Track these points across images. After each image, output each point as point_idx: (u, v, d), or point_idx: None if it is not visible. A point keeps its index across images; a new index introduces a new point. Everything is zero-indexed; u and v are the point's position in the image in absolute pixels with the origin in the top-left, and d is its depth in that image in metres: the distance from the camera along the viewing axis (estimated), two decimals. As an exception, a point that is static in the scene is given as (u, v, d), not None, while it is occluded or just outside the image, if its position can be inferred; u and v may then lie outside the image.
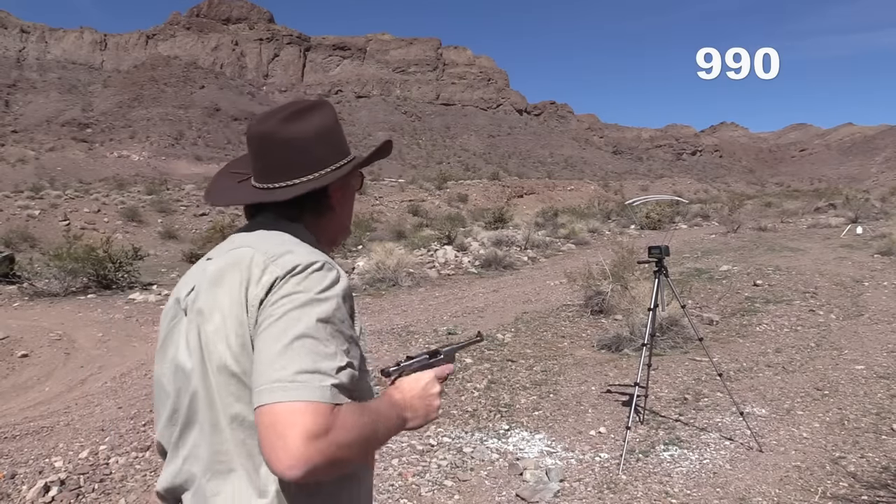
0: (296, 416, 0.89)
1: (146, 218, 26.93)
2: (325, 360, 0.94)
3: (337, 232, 1.29)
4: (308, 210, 1.19)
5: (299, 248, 1.08)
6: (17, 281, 11.79)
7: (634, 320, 6.40)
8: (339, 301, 1.01)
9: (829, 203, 28.24)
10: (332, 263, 1.07)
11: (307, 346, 0.94)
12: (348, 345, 1.01)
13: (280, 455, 0.88)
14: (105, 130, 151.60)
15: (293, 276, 1.01)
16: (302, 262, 1.02)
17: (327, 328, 0.97)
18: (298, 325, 0.95)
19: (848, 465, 3.72)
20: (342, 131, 1.25)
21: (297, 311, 0.96)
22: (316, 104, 1.21)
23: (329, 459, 0.90)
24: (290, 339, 0.94)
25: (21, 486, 3.75)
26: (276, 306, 0.98)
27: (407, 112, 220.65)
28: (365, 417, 0.98)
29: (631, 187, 65.96)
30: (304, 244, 1.11)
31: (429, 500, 3.53)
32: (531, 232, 17.50)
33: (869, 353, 5.94)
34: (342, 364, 0.96)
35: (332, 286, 1.02)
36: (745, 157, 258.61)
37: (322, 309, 0.98)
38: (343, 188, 1.25)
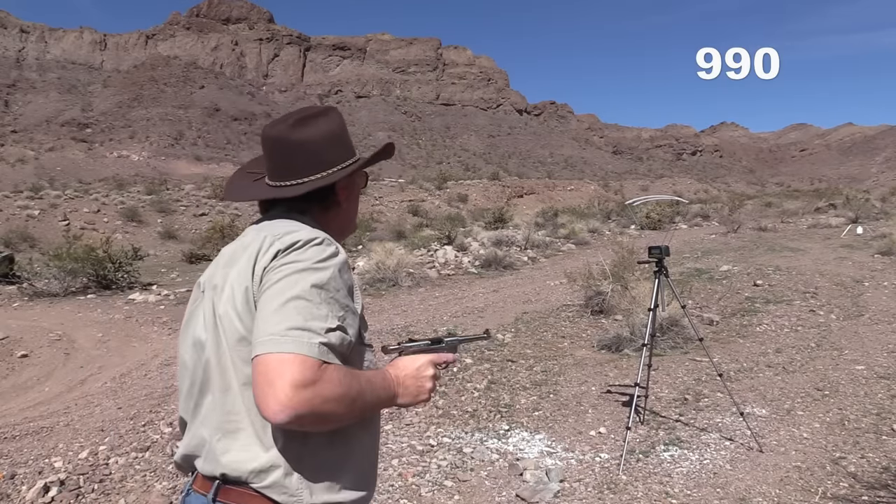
0: (284, 365, 0.98)
1: (146, 218, 26.92)
2: (316, 320, 1.03)
3: (343, 226, 1.40)
4: (316, 204, 1.30)
5: (304, 228, 1.19)
6: (17, 281, 11.78)
7: (634, 320, 6.40)
8: (335, 271, 1.11)
9: (830, 203, 28.25)
10: (332, 240, 1.17)
11: (300, 307, 1.03)
12: (343, 312, 1.09)
13: (269, 401, 0.97)
14: (105, 130, 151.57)
15: (295, 249, 1.11)
16: (303, 237, 1.13)
17: (322, 293, 1.06)
18: (295, 288, 1.05)
19: (848, 465, 3.72)
20: (348, 135, 1.36)
21: (295, 276, 1.07)
22: (324, 111, 1.33)
23: (313, 410, 0.98)
24: (285, 299, 1.04)
25: (21, 486, 3.75)
26: (277, 272, 1.09)
27: (407, 112, 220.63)
28: (353, 380, 1.06)
29: (631, 187, 65.95)
30: (310, 226, 1.22)
31: (429, 501, 3.53)
32: (531, 232, 17.49)
33: (869, 354, 5.94)
34: (332, 326, 1.05)
35: (331, 258, 1.12)
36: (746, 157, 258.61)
37: (318, 276, 1.08)
38: (349, 186, 1.36)
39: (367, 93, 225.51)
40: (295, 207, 1.29)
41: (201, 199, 31.39)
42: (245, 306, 1.11)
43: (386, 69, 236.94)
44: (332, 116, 1.34)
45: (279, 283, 1.07)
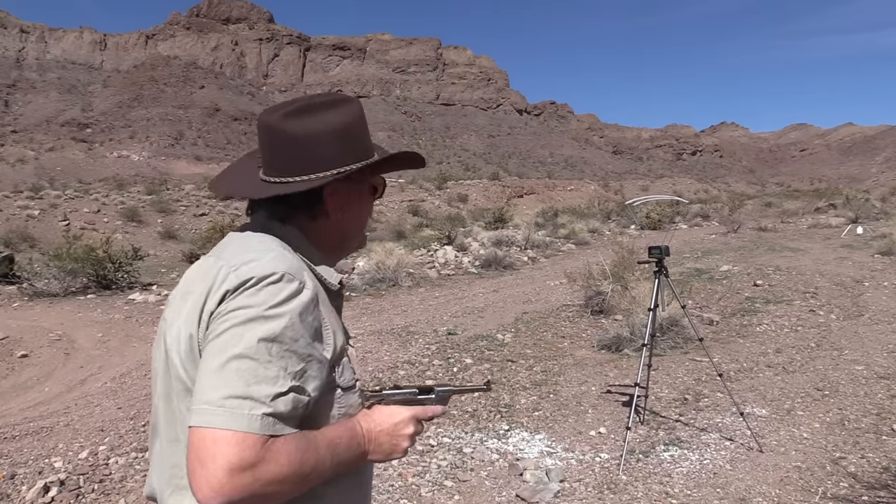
0: (218, 445, 0.83)
1: (146, 218, 26.93)
2: (262, 384, 0.86)
3: (336, 241, 1.16)
4: (301, 212, 1.10)
5: (267, 256, 0.99)
6: (17, 281, 11.78)
7: (634, 320, 6.40)
8: (293, 317, 0.92)
9: (830, 203, 28.24)
10: (296, 274, 0.97)
11: (243, 368, 0.86)
12: (302, 365, 0.92)
13: (201, 483, 0.83)
14: (105, 130, 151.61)
15: (246, 289, 0.93)
16: (258, 273, 0.94)
17: (272, 348, 0.88)
18: (238, 344, 0.88)
19: (848, 465, 3.72)
20: (359, 133, 1.14)
21: (240, 328, 0.89)
22: (336, 101, 1.12)
23: (254, 494, 0.83)
24: (226, 358, 0.87)
25: (21, 486, 3.75)
26: (223, 320, 0.92)
27: (407, 112, 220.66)
28: (309, 452, 0.90)
29: (631, 187, 65.95)
30: (280, 249, 1.02)
31: (429, 501, 3.53)
32: (531, 232, 17.50)
33: (869, 354, 5.94)
34: (282, 390, 0.87)
35: (287, 301, 0.93)
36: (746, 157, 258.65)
37: (269, 327, 0.89)
38: (341, 193, 1.12)
39: (366, 93, 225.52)
40: (275, 213, 1.10)
41: (201, 199, 31.40)
42: (189, 355, 0.97)
43: (386, 69, 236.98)
44: (342, 109, 1.11)
45: (222, 337, 0.90)
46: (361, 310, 9.31)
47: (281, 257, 1.00)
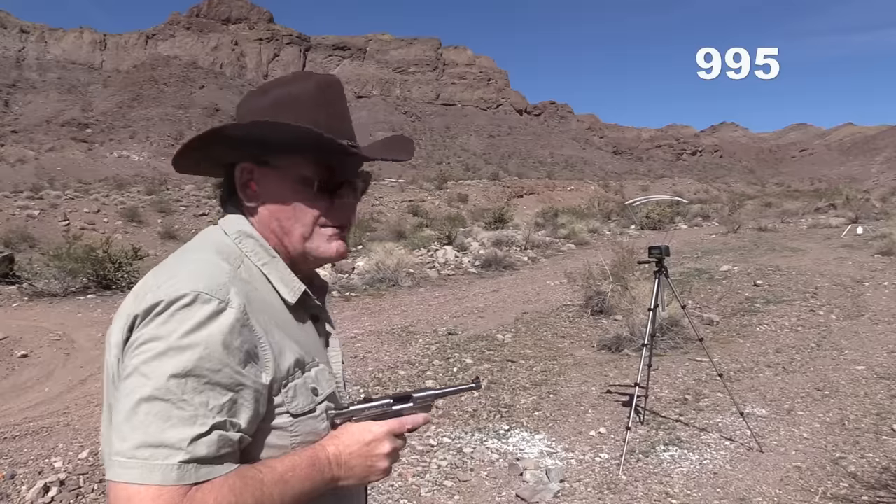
0: (133, 502, 0.74)
1: (146, 218, 26.94)
2: (177, 427, 0.76)
3: (279, 243, 0.98)
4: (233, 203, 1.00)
5: (185, 270, 0.87)
6: (17, 281, 11.79)
7: (634, 321, 6.40)
8: (209, 346, 0.80)
9: (830, 203, 28.23)
10: (216, 291, 0.83)
11: (153, 412, 0.76)
12: (230, 396, 0.81)
13: None
14: (105, 130, 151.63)
15: (155, 316, 0.81)
16: (168, 295, 0.82)
17: (187, 384, 0.77)
18: (147, 385, 0.77)
19: (848, 465, 3.72)
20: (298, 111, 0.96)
21: (149, 366, 0.78)
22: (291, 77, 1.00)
23: None
24: (135, 401, 0.77)
25: (21, 486, 3.75)
26: (132, 355, 0.81)
27: (407, 112, 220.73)
28: (247, 492, 0.79)
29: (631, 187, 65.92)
30: (207, 258, 0.90)
31: (429, 501, 3.53)
32: (531, 232, 17.50)
33: (869, 354, 5.94)
34: (202, 430, 0.77)
35: (201, 327, 0.80)
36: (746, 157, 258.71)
37: (179, 362, 0.78)
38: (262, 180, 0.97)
39: (367, 93, 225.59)
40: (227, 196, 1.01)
41: (201, 199, 31.43)
42: (112, 388, 0.88)
43: (386, 69, 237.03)
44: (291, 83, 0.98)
45: (132, 377, 0.79)
46: (361, 310, 9.31)
47: (201, 271, 0.87)
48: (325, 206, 0.98)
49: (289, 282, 0.97)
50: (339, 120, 0.99)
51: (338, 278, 11.61)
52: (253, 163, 0.97)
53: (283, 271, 0.97)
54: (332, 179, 0.98)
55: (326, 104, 0.98)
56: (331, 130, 0.93)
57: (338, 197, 0.99)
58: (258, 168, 0.97)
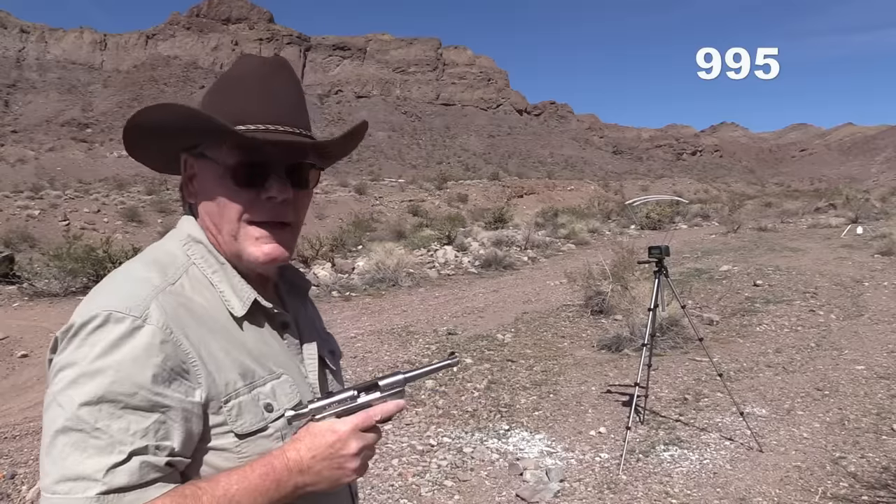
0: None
1: (146, 218, 26.95)
2: (93, 457, 0.72)
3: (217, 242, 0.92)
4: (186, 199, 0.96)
5: (108, 286, 0.84)
6: (17, 281, 11.78)
7: (634, 320, 6.41)
8: (121, 369, 0.75)
9: (830, 203, 28.23)
10: (130, 308, 0.78)
11: (70, 443, 0.73)
12: (154, 417, 0.76)
13: None
14: (105, 130, 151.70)
15: (70, 341, 0.78)
16: (80, 317, 0.78)
17: (101, 410, 0.73)
18: (61, 415, 0.74)
19: (848, 465, 3.72)
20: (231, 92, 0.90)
21: (63, 395, 0.75)
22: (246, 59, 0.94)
23: None
24: (52, 434, 0.74)
25: (21, 486, 3.76)
26: (50, 385, 0.78)
27: (407, 112, 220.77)
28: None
29: (631, 187, 65.94)
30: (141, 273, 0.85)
31: (429, 500, 3.53)
32: (531, 232, 17.50)
33: (869, 354, 5.94)
34: (119, 459, 0.73)
35: (112, 349, 0.76)
36: (746, 157, 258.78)
37: (91, 388, 0.74)
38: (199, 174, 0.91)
39: (367, 93, 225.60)
40: None
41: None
42: None
43: (386, 69, 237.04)
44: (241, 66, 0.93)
45: (49, 409, 0.76)
46: (361, 310, 9.32)
47: (119, 287, 0.83)
48: (247, 199, 0.89)
49: (238, 290, 0.90)
50: (276, 104, 0.89)
51: (338, 278, 11.62)
52: (192, 155, 0.91)
53: (232, 279, 0.91)
54: (249, 168, 0.88)
55: (263, 86, 0.90)
56: (261, 114, 0.87)
57: (264, 190, 0.88)
58: (196, 161, 0.91)
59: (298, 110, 0.93)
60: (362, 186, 40.03)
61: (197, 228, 0.92)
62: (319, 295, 10.43)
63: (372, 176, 59.49)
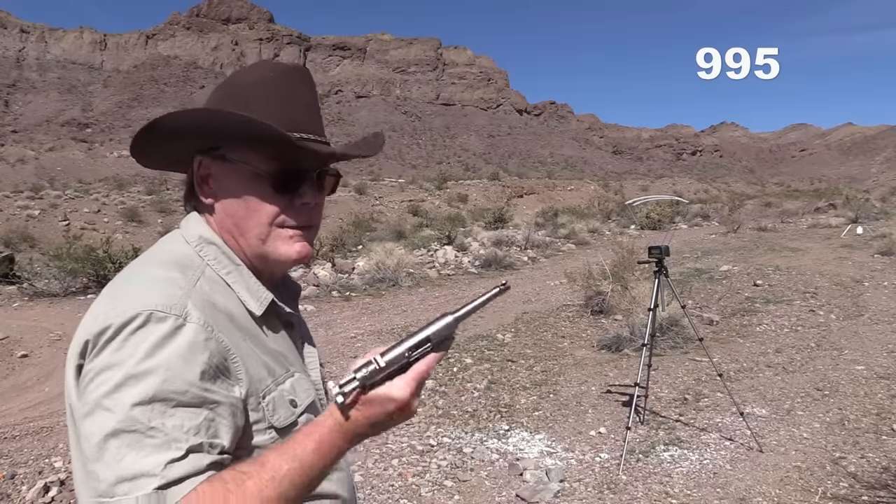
0: None
1: (146, 218, 26.95)
2: (152, 454, 0.72)
3: (237, 245, 0.92)
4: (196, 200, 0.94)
5: (138, 286, 0.83)
6: (17, 281, 11.78)
7: (634, 320, 6.41)
8: (170, 368, 0.75)
9: (830, 203, 28.24)
10: (171, 307, 0.79)
11: (125, 444, 0.72)
12: (205, 415, 0.76)
13: None
14: (105, 130, 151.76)
15: (107, 343, 0.77)
16: (117, 318, 0.77)
17: (153, 410, 0.73)
18: (111, 418, 0.73)
19: (848, 465, 3.72)
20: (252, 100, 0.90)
21: (109, 399, 0.74)
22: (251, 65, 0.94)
23: None
24: (102, 437, 0.73)
25: (21, 486, 3.76)
26: (89, 390, 0.76)
27: (407, 112, 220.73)
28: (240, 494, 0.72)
29: (631, 187, 65.94)
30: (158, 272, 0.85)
31: (429, 501, 3.53)
32: (531, 232, 17.50)
33: (869, 354, 5.94)
34: (176, 455, 0.73)
35: (158, 349, 0.76)
36: (746, 157, 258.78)
37: (142, 389, 0.73)
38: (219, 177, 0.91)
39: (367, 93, 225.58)
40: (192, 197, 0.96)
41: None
42: (71, 419, 0.84)
43: (386, 69, 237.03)
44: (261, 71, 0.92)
45: (94, 415, 0.75)
46: (361, 310, 9.32)
47: (152, 287, 0.82)
48: (283, 203, 0.90)
49: (255, 291, 0.91)
50: (300, 111, 0.92)
51: (338, 278, 11.62)
52: (209, 157, 0.91)
53: (248, 280, 0.91)
54: (289, 175, 0.90)
55: (286, 94, 0.91)
56: (288, 122, 0.88)
57: (298, 195, 0.91)
58: (214, 162, 0.90)
59: (319, 117, 0.97)
60: (362, 186, 40.04)
61: (207, 229, 0.92)
62: (319, 295, 10.44)
63: (372, 176, 59.51)
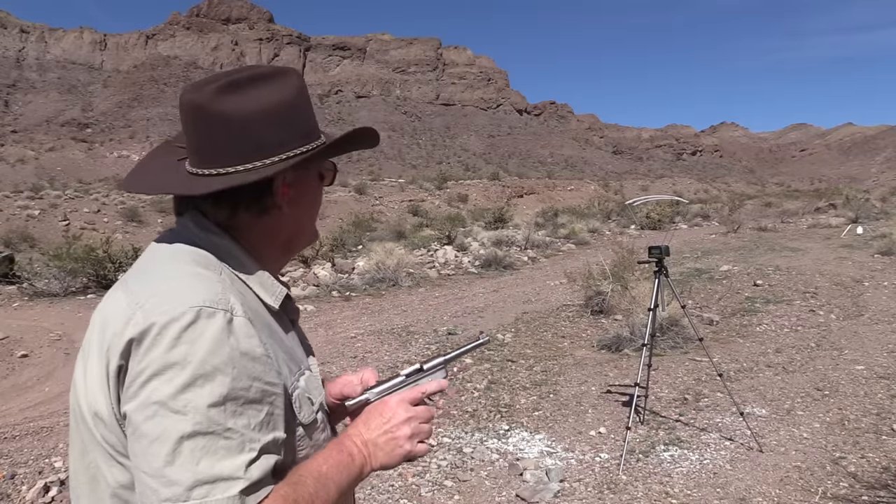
0: None
1: (146, 218, 26.95)
2: (229, 457, 0.72)
3: (290, 236, 0.98)
4: (244, 210, 0.90)
5: (175, 282, 0.80)
6: (17, 281, 11.78)
7: (634, 320, 6.40)
8: (235, 363, 0.75)
9: (830, 203, 28.23)
10: (217, 301, 0.78)
11: (200, 447, 0.71)
12: (267, 409, 0.78)
13: None
14: (105, 130, 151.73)
15: (156, 342, 0.74)
16: (165, 316, 0.75)
17: (226, 410, 0.73)
18: (184, 420, 0.71)
19: (848, 465, 3.72)
20: (305, 110, 0.95)
21: (178, 400, 0.72)
22: (274, 72, 0.94)
23: None
24: (174, 440, 0.71)
25: (21, 486, 3.76)
26: (147, 390, 0.73)
27: (407, 112, 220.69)
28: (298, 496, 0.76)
29: (631, 187, 65.95)
30: (192, 268, 0.84)
31: (429, 501, 3.53)
32: (531, 232, 17.50)
33: (869, 354, 5.94)
34: (253, 456, 0.74)
35: (220, 344, 0.75)
36: (746, 157, 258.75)
37: (213, 388, 0.73)
38: (296, 183, 0.94)
39: (367, 93, 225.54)
40: (213, 215, 0.91)
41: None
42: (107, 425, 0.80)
43: (386, 69, 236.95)
44: (282, 82, 0.92)
45: (157, 417, 0.72)
46: (361, 310, 9.32)
47: (190, 283, 0.80)
48: (322, 197, 1.05)
49: (269, 286, 0.92)
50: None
51: (338, 278, 11.62)
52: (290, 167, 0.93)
53: (261, 276, 0.92)
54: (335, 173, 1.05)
55: (309, 101, 0.98)
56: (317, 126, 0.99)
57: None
58: (295, 171, 0.94)
59: None
60: (362, 186, 40.04)
61: (213, 227, 0.91)
62: (319, 295, 10.44)
63: (372, 176, 59.50)
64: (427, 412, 0.94)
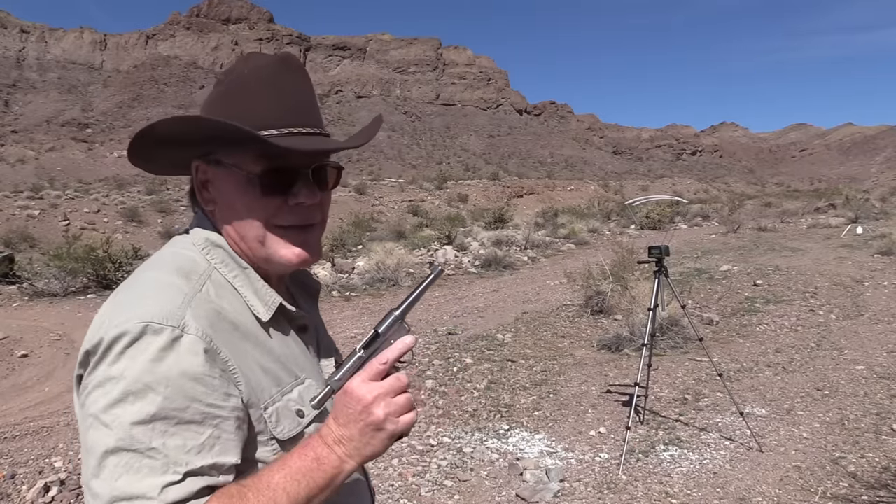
0: None
1: (146, 218, 26.95)
2: (150, 476, 0.70)
3: (240, 249, 0.89)
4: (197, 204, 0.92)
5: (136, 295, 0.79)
6: (17, 281, 11.79)
7: (634, 320, 6.40)
8: (170, 383, 0.72)
9: (829, 203, 28.23)
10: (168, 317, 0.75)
11: (123, 463, 0.70)
12: (209, 432, 0.74)
13: None
14: (105, 130, 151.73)
15: (104, 355, 0.74)
16: (114, 330, 0.74)
17: (154, 429, 0.71)
18: (110, 435, 0.71)
19: (848, 465, 3.72)
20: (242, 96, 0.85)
21: (108, 414, 0.71)
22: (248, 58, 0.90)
23: None
24: (100, 455, 0.71)
25: (21, 486, 3.76)
26: (88, 403, 0.74)
27: (407, 112, 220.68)
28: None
29: (631, 187, 65.95)
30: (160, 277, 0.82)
31: (429, 500, 3.53)
32: (531, 232, 17.50)
33: (869, 353, 5.94)
34: (175, 479, 0.71)
35: (158, 361, 0.73)
36: (745, 157, 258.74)
37: (141, 406, 0.71)
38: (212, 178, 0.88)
39: (367, 93, 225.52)
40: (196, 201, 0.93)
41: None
42: None
43: (386, 69, 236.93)
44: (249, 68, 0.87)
45: (92, 429, 0.72)
46: (361, 310, 9.32)
47: (149, 296, 0.78)
48: (275, 206, 0.86)
49: (263, 295, 0.88)
50: (294, 104, 0.87)
51: (338, 278, 11.62)
52: (205, 162, 0.88)
53: (255, 283, 0.88)
54: (277, 175, 0.85)
55: (278, 88, 0.86)
56: (281, 116, 0.85)
57: (291, 195, 0.86)
58: (210, 167, 0.87)
59: (314, 108, 0.91)
60: (362, 186, 40.03)
61: (213, 232, 0.89)
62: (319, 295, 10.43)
63: (372, 176, 59.50)
64: (397, 382, 0.81)
